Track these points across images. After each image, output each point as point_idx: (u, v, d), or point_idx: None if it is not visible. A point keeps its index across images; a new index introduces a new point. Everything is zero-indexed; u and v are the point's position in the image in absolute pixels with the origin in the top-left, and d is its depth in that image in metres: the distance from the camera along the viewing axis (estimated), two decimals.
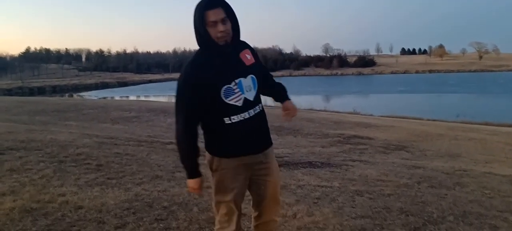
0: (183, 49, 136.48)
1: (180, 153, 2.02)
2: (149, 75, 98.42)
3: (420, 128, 11.21)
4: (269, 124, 2.12)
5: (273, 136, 2.18)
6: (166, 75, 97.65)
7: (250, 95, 1.96)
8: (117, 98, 36.79)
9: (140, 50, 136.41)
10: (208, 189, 3.77)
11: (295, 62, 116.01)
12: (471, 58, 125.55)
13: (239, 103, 1.92)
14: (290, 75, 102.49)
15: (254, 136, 2.02)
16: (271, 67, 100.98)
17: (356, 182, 4.27)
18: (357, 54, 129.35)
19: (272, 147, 2.15)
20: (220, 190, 2.05)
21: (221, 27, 1.86)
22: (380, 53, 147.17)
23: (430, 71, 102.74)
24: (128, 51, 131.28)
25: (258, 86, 2.01)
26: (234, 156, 2.00)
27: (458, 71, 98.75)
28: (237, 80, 1.92)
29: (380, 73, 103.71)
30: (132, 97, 40.07)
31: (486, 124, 14.39)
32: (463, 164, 5.92)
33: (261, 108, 2.04)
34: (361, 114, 18.14)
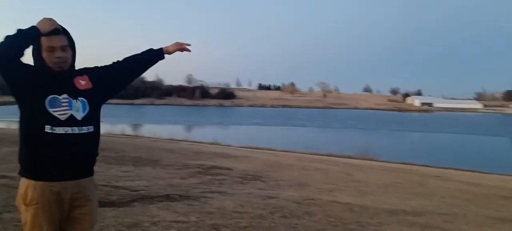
0: None
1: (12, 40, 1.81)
2: None
3: (273, 158, 11.90)
4: (125, 154, 1.95)
5: (129, 167, 2.13)
6: (5, 98, 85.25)
7: (78, 115, 1.93)
8: None
9: None
10: None
11: (157, 91, 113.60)
12: (317, 96, 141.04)
13: (63, 118, 1.88)
14: (152, 104, 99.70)
15: (74, 157, 1.92)
16: (133, 95, 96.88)
17: (213, 215, 4.20)
18: (219, 86, 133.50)
19: (92, 179, 2.06)
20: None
21: (59, 53, 1.90)
22: (240, 87, 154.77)
23: (283, 106, 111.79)
24: None
25: (90, 110, 1.98)
26: (49, 177, 1.86)
27: (307, 107, 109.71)
28: (66, 96, 1.91)
29: (240, 105, 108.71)
30: None
31: (329, 155, 16.08)
32: (311, 193, 6.39)
33: (90, 131, 1.97)
34: (221, 145, 18.49)
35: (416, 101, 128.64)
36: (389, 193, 7.20)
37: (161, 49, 2.27)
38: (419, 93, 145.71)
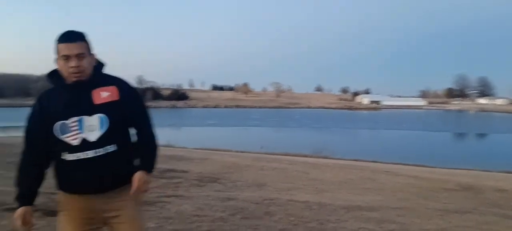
0: None
1: (16, 176, 1.92)
2: None
3: (230, 160, 11.83)
4: None
5: None
6: None
7: (92, 136, 1.83)
8: None
9: None
10: None
11: None
12: (270, 96, 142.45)
13: (76, 142, 1.82)
14: None
15: (94, 177, 1.86)
16: None
17: (172, 220, 4.10)
18: (171, 87, 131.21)
19: (122, 190, 1.94)
20: None
21: (73, 63, 1.79)
22: (193, 88, 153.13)
23: (237, 106, 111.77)
24: None
25: (110, 126, 1.86)
26: (71, 192, 1.91)
27: (260, 107, 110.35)
28: (76, 118, 1.83)
29: (193, 106, 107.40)
30: None
31: (286, 155, 16.27)
32: (269, 193, 6.42)
33: (113, 150, 1.87)
34: (175, 147, 18.15)
35: (365, 100, 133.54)
36: (344, 190, 7.40)
37: (150, 170, 2.02)
38: (367, 92, 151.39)
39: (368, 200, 6.28)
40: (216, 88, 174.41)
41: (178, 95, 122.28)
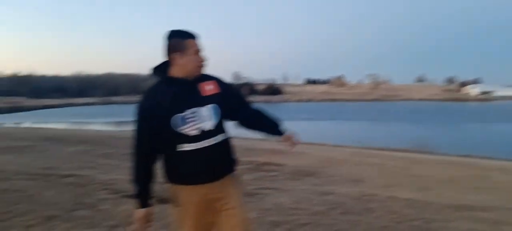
0: (86, 73, 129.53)
1: (131, 173, 2.00)
2: (47, 100, 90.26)
3: (326, 154, 11.72)
4: None
5: None
6: (66, 100, 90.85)
7: (208, 126, 1.95)
8: (7, 125, 32.97)
9: (36, 73, 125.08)
10: None
11: None
12: (367, 88, 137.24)
13: (195, 133, 1.92)
14: None
15: (211, 165, 1.99)
16: None
17: (272, 212, 4.22)
18: (266, 82, 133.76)
19: (228, 178, 2.09)
20: (181, 226, 2.04)
21: (203, 57, 1.99)
22: (287, 82, 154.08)
23: (332, 100, 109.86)
24: (22, 73, 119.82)
25: (221, 116, 2.01)
26: (186, 183, 1.99)
27: (356, 100, 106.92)
28: (192, 110, 1.93)
29: (287, 101, 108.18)
30: (26, 124, 36.27)
31: (384, 149, 15.57)
32: (368, 189, 6.23)
33: (223, 138, 2.03)
34: (271, 141, 18.51)
35: (474, 90, 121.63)
36: (450, 188, 6.87)
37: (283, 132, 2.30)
38: (476, 82, 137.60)
39: (479, 199, 5.75)
40: (309, 82, 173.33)
41: (272, 90, 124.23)
